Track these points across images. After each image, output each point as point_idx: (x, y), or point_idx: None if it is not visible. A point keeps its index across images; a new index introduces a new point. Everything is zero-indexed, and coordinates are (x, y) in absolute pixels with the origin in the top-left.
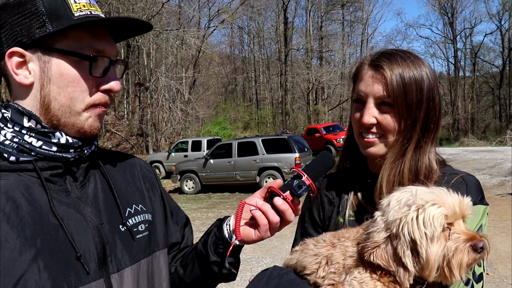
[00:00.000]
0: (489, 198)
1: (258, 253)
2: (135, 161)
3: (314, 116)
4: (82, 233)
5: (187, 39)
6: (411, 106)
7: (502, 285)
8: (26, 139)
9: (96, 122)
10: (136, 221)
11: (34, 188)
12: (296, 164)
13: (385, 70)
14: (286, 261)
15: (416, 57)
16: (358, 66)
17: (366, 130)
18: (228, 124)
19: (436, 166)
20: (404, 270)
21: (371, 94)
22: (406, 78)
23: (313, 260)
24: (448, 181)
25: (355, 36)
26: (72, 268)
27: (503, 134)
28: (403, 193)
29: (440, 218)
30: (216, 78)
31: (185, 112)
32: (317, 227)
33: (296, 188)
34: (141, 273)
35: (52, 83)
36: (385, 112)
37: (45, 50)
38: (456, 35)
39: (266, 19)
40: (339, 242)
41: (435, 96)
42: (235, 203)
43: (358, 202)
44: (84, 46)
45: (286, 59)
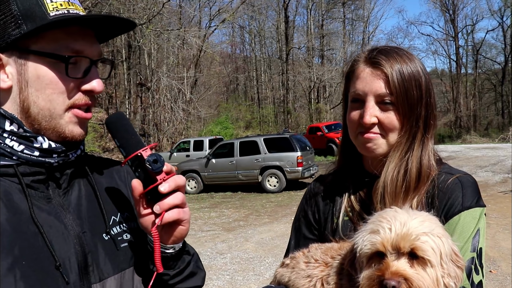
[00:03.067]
0: (492, 195)
1: (261, 252)
2: (122, 168)
3: (316, 115)
4: (62, 242)
5: (188, 39)
6: (413, 102)
7: (506, 282)
8: (7, 143)
9: (76, 128)
10: (121, 230)
11: (14, 194)
12: (299, 162)
13: (385, 66)
14: (278, 276)
15: (408, 53)
16: (352, 63)
17: (366, 130)
18: (230, 123)
19: (434, 163)
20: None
21: (371, 92)
22: (406, 74)
23: (306, 282)
24: (444, 181)
25: (356, 34)
26: (51, 277)
27: (506, 131)
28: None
29: (367, 245)
30: (217, 78)
31: (187, 112)
32: (312, 229)
33: (155, 166)
34: (124, 283)
35: (29, 86)
36: (387, 111)
37: (21, 52)
38: (457, 32)
39: (267, 18)
40: (334, 261)
41: (431, 92)
42: (237, 202)
43: (352, 204)
44: (61, 47)
45: (288, 58)
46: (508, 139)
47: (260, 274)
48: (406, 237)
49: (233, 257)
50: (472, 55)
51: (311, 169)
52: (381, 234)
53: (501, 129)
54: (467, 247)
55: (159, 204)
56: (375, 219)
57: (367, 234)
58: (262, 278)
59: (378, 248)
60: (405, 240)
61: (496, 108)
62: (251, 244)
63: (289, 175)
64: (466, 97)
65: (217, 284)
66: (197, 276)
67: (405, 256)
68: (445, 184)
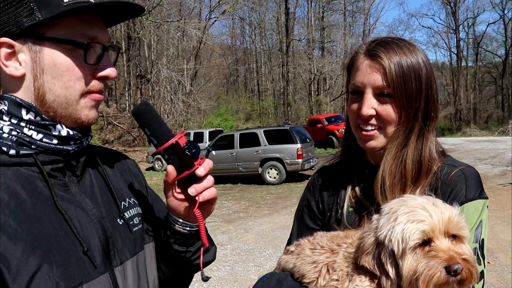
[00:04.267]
0: (491, 188)
1: (261, 243)
2: (120, 156)
3: (316, 107)
4: (85, 228)
5: (188, 31)
6: (411, 95)
7: (503, 273)
8: (25, 132)
9: (92, 111)
10: (131, 214)
11: (36, 183)
12: (299, 154)
13: (383, 59)
14: (282, 263)
15: (410, 44)
16: (353, 55)
17: (365, 122)
18: (230, 115)
19: (436, 155)
20: (386, 277)
21: (369, 84)
22: (405, 66)
23: (312, 268)
24: (447, 173)
25: (357, 26)
26: (80, 262)
27: (506, 124)
28: (397, 202)
29: (415, 234)
30: (217, 70)
31: (187, 103)
32: (315, 219)
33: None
34: (140, 265)
35: (45, 73)
36: (385, 103)
37: (36, 39)
38: (458, 25)
39: (267, 10)
40: (340, 248)
41: (433, 83)
42: (237, 194)
43: (356, 194)
44: (77, 34)
45: (288, 50)
46: (508, 132)
47: (260, 265)
48: (453, 221)
49: (233, 248)
50: (473, 48)
51: (311, 161)
52: (428, 222)
53: (501, 122)
54: (470, 238)
55: (195, 186)
56: (399, 209)
57: (409, 224)
58: (263, 269)
59: (429, 236)
60: (453, 224)
61: (496, 101)
62: (251, 235)
63: (289, 167)
64: (466, 90)
65: (217, 275)
66: (210, 251)
67: (449, 239)
68: (448, 176)
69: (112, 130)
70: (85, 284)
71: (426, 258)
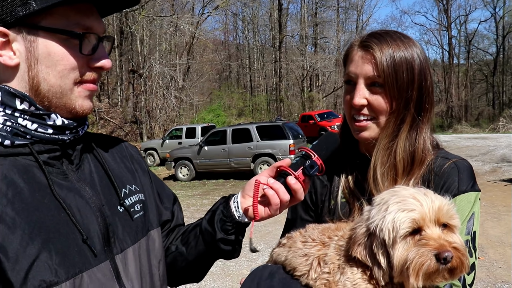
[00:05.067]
0: (481, 184)
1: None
2: (120, 142)
3: (309, 103)
4: (85, 216)
5: (181, 26)
6: (402, 85)
7: (493, 268)
8: (20, 122)
9: (86, 101)
10: (132, 201)
11: (33, 172)
12: (291, 150)
13: (375, 50)
14: (274, 255)
15: (406, 37)
16: (348, 48)
17: (357, 112)
18: (222, 111)
19: (430, 147)
20: (378, 267)
21: (361, 74)
22: (397, 58)
23: (303, 261)
24: (440, 165)
25: (349, 22)
26: (80, 251)
27: (496, 121)
28: (389, 192)
29: (405, 223)
30: (210, 65)
31: (179, 99)
32: (309, 211)
33: (308, 168)
34: (142, 252)
35: (40, 63)
36: (376, 93)
37: (30, 28)
38: (450, 22)
39: (260, 5)
40: (331, 241)
41: (427, 76)
42: (229, 189)
43: (349, 185)
44: (72, 24)
45: (281, 46)
46: (498, 130)
47: (252, 260)
48: (443, 210)
49: None
50: (465, 45)
51: None
52: (418, 211)
53: (492, 119)
54: (462, 229)
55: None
56: (390, 199)
57: (399, 213)
58: (254, 264)
59: (419, 224)
60: (443, 212)
61: (487, 99)
62: None
63: None
64: (458, 87)
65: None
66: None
67: (439, 228)
68: (441, 168)
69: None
70: (85, 272)
71: (417, 246)
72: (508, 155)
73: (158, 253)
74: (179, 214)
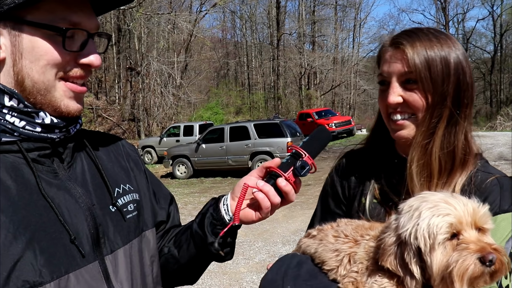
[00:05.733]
0: None
1: (250, 237)
2: (117, 140)
3: (306, 101)
4: (74, 215)
5: (179, 23)
6: (437, 79)
7: None
8: (7, 119)
9: (72, 102)
10: (125, 201)
11: (22, 169)
12: (288, 148)
13: (406, 46)
14: (303, 246)
15: (440, 33)
16: (380, 48)
17: (394, 110)
18: (220, 109)
19: (474, 149)
20: (410, 277)
21: (394, 72)
22: (429, 52)
23: (333, 256)
24: (482, 181)
25: (347, 20)
26: (67, 251)
27: (494, 119)
28: (417, 199)
29: (443, 227)
30: (208, 63)
31: (177, 97)
32: (340, 204)
33: (299, 169)
34: (133, 253)
35: (24, 57)
36: (411, 90)
37: (16, 23)
38: (448, 21)
39: (258, 3)
40: (363, 239)
41: (465, 70)
42: (227, 187)
43: (382, 186)
44: (57, 19)
45: (279, 44)
46: (496, 128)
47: (250, 258)
48: (478, 213)
49: None
50: (463, 43)
51: None
52: (454, 215)
53: (489, 117)
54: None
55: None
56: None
57: (435, 218)
58: (252, 262)
59: (457, 228)
60: (479, 215)
61: (484, 97)
62: (240, 229)
63: None
64: None
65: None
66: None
67: (475, 231)
68: (483, 183)
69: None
70: (71, 273)
71: (457, 251)
72: (505, 153)
73: (152, 254)
74: (175, 215)
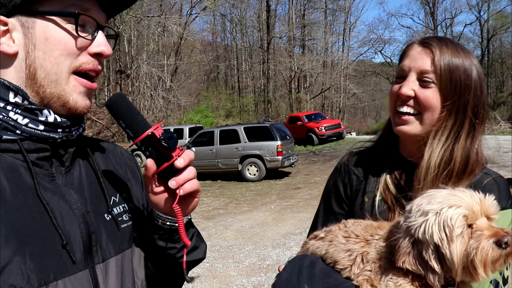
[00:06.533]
0: None
1: (240, 240)
2: (117, 149)
3: (296, 104)
4: (67, 221)
5: (169, 26)
6: (458, 86)
7: None
8: (11, 116)
9: (81, 98)
10: (121, 210)
11: (18, 171)
12: (278, 151)
13: (435, 47)
14: (311, 248)
15: (465, 48)
16: (407, 45)
17: (403, 103)
18: (210, 112)
19: (483, 160)
20: (432, 273)
21: (415, 68)
22: (454, 60)
23: (346, 255)
24: (481, 181)
25: (337, 24)
26: (58, 256)
27: None
28: (424, 197)
29: (458, 219)
30: (198, 66)
31: (167, 100)
32: (342, 203)
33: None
34: (125, 264)
35: (37, 49)
36: (426, 87)
37: (28, 15)
38: (437, 25)
39: (249, 7)
40: (373, 239)
41: (483, 88)
42: (217, 191)
43: (387, 186)
44: (68, 5)
45: (269, 47)
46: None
47: (240, 261)
48: (486, 202)
49: (212, 245)
50: None
51: (291, 158)
52: (465, 205)
53: None
54: None
55: (175, 179)
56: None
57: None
58: (242, 266)
59: (471, 218)
60: (487, 204)
61: None
62: (230, 232)
63: (269, 164)
64: None
65: (196, 271)
66: (200, 249)
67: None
68: (481, 183)
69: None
70: (60, 280)
71: (474, 239)
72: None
73: (142, 265)
74: None
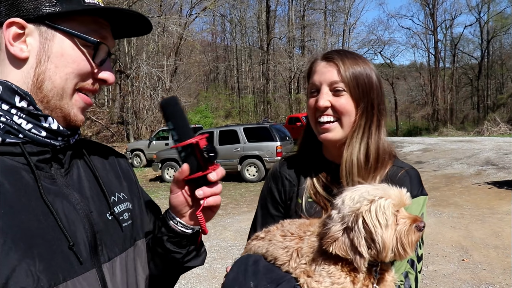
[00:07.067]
0: (466, 187)
1: (239, 240)
2: (109, 150)
3: (296, 105)
4: (72, 222)
5: (169, 27)
6: (364, 89)
7: (477, 270)
8: (15, 120)
9: (79, 113)
10: (121, 210)
11: (21, 173)
12: (278, 152)
13: (337, 59)
14: (253, 248)
15: (363, 57)
16: (311, 63)
17: (321, 113)
18: (209, 112)
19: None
20: (360, 257)
21: (325, 81)
22: (356, 67)
23: (284, 252)
24: (395, 174)
25: (337, 25)
26: (65, 257)
27: (481, 124)
28: (354, 191)
29: (390, 208)
30: (197, 66)
31: None
32: (278, 206)
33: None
34: (129, 262)
35: (50, 61)
36: (339, 96)
37: (50, 27)
38: (436, 26)
39: (248, 7)
40: (305, 235)
41: (382, 87)
42: None
43: (314, 186)
44: (91, 31)
45: (268, 48)
46: (483, 133)
47: None
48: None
49: (212, 246)
50: (450, 49)
51: None
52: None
53: (476, 123)
54: None
55: (203, 189)
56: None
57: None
58: None
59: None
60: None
61: (472, 102)
62: (229, 232)
63: (268, 164)
64: (443, 90)
65: (196, 272)
66: (201, 257)
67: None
68: (396, 176)
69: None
70: (69, 280)
71: (400, 225)
72: (492, 158)
73: (144, 263)
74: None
